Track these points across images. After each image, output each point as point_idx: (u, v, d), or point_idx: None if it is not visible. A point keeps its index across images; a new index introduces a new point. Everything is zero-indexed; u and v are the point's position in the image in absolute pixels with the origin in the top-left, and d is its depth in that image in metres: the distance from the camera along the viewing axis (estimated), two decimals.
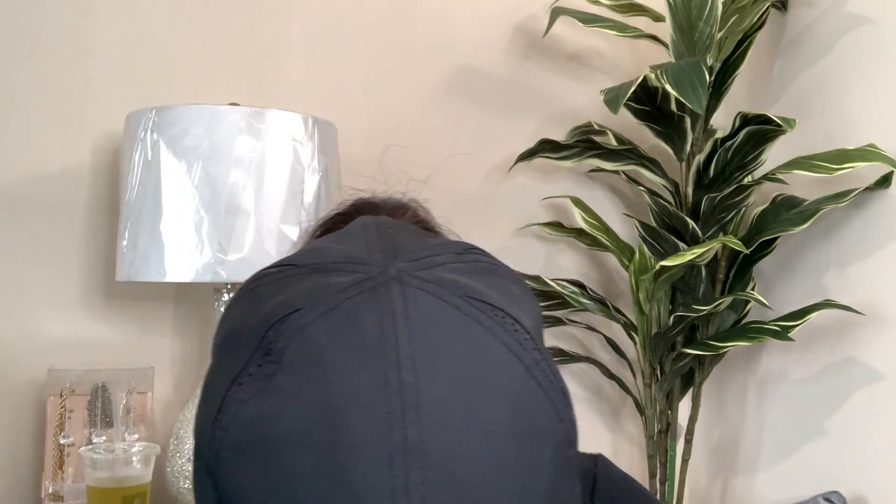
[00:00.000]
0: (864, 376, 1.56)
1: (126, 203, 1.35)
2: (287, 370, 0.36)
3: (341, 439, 0.34)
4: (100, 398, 1.46)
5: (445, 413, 0.35)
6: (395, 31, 1.80)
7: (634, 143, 1.75)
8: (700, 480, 1.95)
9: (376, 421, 0.34)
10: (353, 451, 0.33)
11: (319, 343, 0.36)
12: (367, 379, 0.35)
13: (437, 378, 0.35)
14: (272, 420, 0.35)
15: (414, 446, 0.33)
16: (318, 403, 0.34)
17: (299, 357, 0.36)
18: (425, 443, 0.33)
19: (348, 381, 0.35)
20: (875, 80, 1.56)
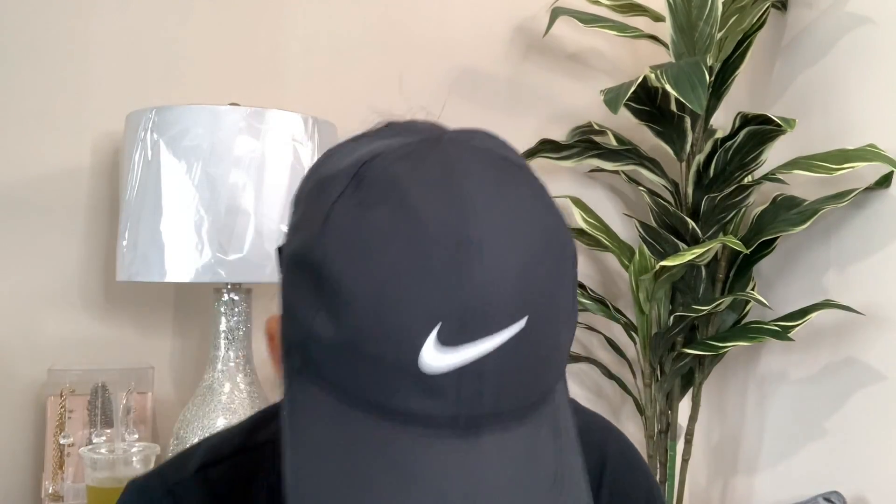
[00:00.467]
0: (864, 376, 1.56)
1: (126, 203, 1.35)
2: (378, 190, 0.47)
3: (420, 234, 0.45)
4: (100, 398, 1.46)
5: (497, 222, 0.46)
6: (395, 31, 1.80)
7: (634, 143, 1.75)
8: (700, 480, 1.95)
9: (446, 223, 0.45)
10: (429, 242, 0.44)
11: (401, 174, 0.47)
12: (439, 198, 0.46)
13: (491, 199, 0.46)
14: (367, 223, 0.46)
15: (476, 241, 0.44)
16: (401, 210, 0.45)
17: (386, 182, 0.47)
18: (483, 241, 0.45)
19: (425, 197, 0.46)
20: (875, 80, 1.56)
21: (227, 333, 1.41)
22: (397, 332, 0.44)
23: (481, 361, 0.44)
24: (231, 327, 1.41)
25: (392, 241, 0.45)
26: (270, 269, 1.32)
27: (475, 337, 0.44)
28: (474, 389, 0.44)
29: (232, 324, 1.41)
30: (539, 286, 0.47)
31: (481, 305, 0.44)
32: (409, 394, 0.44)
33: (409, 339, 0.44)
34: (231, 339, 1.41)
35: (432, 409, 0.44)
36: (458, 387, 0.44)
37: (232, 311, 1.41)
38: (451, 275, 0.44)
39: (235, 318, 1.41)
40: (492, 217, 0.46)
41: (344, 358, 0.45)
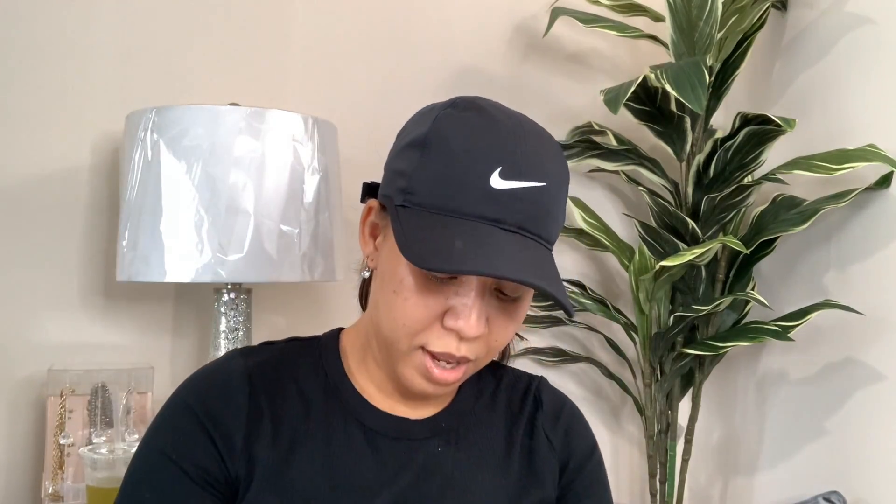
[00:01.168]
0: (864, 376, 1.56)
1: (126, 203, 1.35)
2: (467, 105, 0.82)
3: (494, 124, 0.79)
4: (100, 398, 1.46)
5: (537, 137, 0.80)
6: (395, 31, 1.80)
7: (634, 143, 1.75)
8: (700, 480, 1.95)
9: (510, 125, 0.79)
10: (499, 128, 0.78)
11: (483, 103, 0.83)
12: (508, 116, 0.81)
13: (535, 131, 0.81)
14: (462, 116, 0.80)
15: (523, 138, 0.79)
16: (485, 114, 0.80)
17: (473, 103, 0.82)
18: (527, 139, 0.79)
19: (498, 113, 0.81)
20: (875, 81, 1.56)
21: (227, 333, 1.41)
22: (478, 167, 0.75)
23: (520, 191, 0.75)
24: (231, 327, 1.41)
25: (478, 123, 0.78)
26: (270, 269, 1.32)
27: (518, 178, 0.75)
28: (514, 206, 0.75)
29: (232, 324, 1.41)
30: (552, 174, 0.78)
31: (522, 165, 0.76)
32: (481, 202, 0.74)
33: (486, 171, 0.75)
34: (231, 339, 1.41)
35: (492, 212, 0.75)
36: (507, 201, 0.75)
37: (232, 311, 1.41)
38: (509, 145, 0.76)
39: (235, 318, 1.41)
40: (535, 134, 0.80)
41: (445, 184, 0.75)
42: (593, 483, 0.92)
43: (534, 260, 0.75)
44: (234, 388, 0.82)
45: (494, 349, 0.81)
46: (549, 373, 1.89)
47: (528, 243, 0.75)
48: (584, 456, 0.92)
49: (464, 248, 0.72)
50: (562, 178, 0.80)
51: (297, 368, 0.86)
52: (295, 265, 1.35)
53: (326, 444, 0.82)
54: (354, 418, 0.84)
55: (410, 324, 0.77)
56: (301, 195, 1.36)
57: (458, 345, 0.77)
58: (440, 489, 0.83)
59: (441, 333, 0.77)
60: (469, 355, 0.78)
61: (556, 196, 0.78)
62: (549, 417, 0.92)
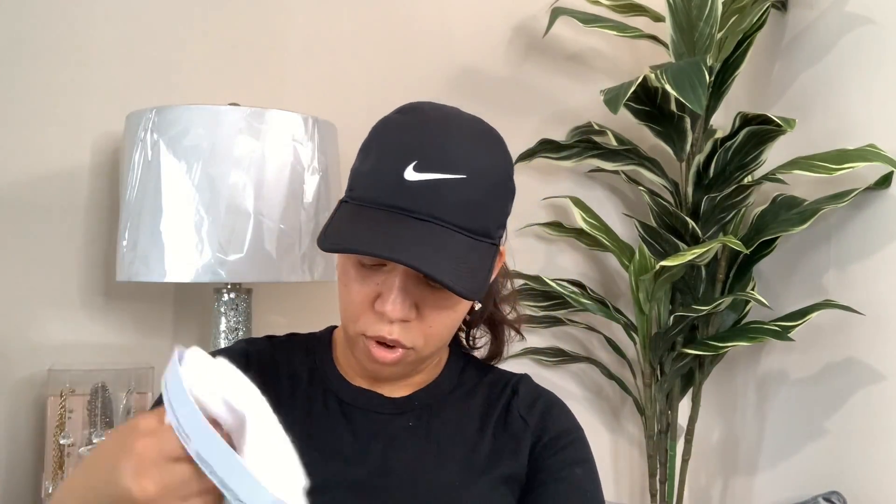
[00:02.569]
0: (864, 376, 1.56)
1: (126, 203, 1.35)
2: (408, 108, 0.89)
3: (421, 122, 0.85)
4: (100, 398, 1.46)
5: (465, 137, 0.85)
6: (395, 31, 1.80)
7: (634, 143, 1.75)
8: (700, 480, 1.95)
9: (436, 122, 0.86)
10: (425, 126, 0.85)
11: (422, 105, 0.90)
12: (437, 111, 0.88)
13: (466, 132, 0.86)
14: (397, 117, 0.88)
15: (448, 133, 0.85)
16: (415, 113, 0.87)
17: (413, 105, 0.90)
18: (450, 134, 0.85)
19: (432, 112, 0.88)
20: (875, 80, 1.56)
21: (227, 333, 1.41)
22: (396, 161, 0.81)
23: (436, 182, 0.81)
24: (231, 327, 1.41)
25: (407, 123, 0.85)
26: (270, 269, 1.32)
27: (432, 171, 0.81)
28: (427, 197, 0.80)
29: (232, 324, 1.41)
30: (477, 168, 0.83)
31: (439, 159, 0.81)
32: (395, 193, 0.81)
33: (402, 165, 0.81)
34: (231, 339, 1.41)
35: (403, 202, 0.81)
36: (419, 191, 0.80)
37: (232, 311, 1.41)
38: (429, 141, 0.82)
39: (235, 318, 1.41)
40: (466, 131, 0.86)
41: (370, 179, 0.83)
42: (569, 457, 0.93)
43: (433, 245, 0.79)
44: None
45: (432, 337, 0.86)
46: (549, 373, 1.89)
47: (437, 230, 0.80)
48: (558, 434, 0.94)
49: (355, 231, 0.81)
50: (492, 172, 0.84)
51: (292, 355, 0.97)
52: (295, 265, 1.35)
53: (307, 416, 0.91)
54: (333, 394, 0.93)
55: (350, 309, 0.87)
56: (301, 195, 1.36)
57: (390, 328, 0.84)
58: (411, 460, 0.89)
59: (374, 318, 0.85)
60: (402, 340, 0.85)
61: (481, 188, 0.83)
62: (524, 402, 0.96)
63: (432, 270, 0.78)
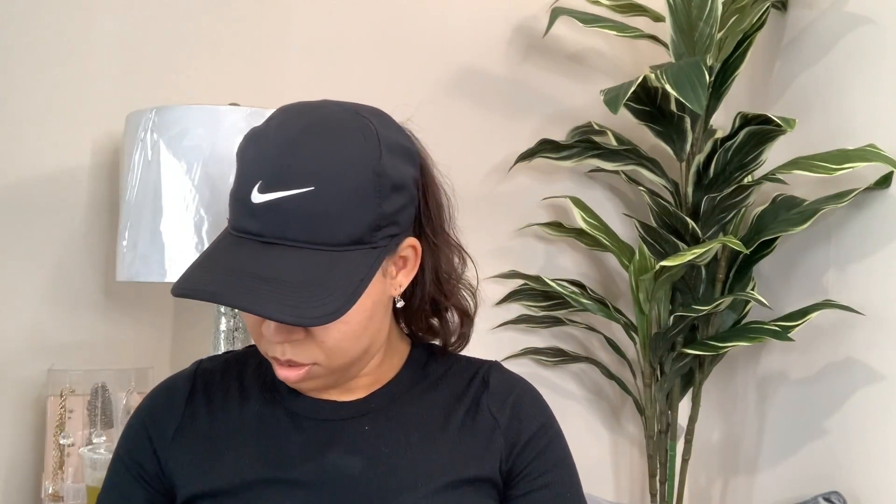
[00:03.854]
0: (864, 376, 1.56)
1: (126, 203, 1.35)
2: (263, 122, 0.85)
3: (265, 139, 0.82)
4: (100, 398, 1.46)
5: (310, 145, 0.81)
6: (395, 31, 1.80)
7: (634, 143, 1.75)
8: (700, 480, 1.95)
9: (279, 136, 0.81)
10: (268, 142, 0.81)
11: (277, 114, 0.85)
12: (285, 121, 0.83)
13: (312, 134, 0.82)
14: (252, 135, 0.84)
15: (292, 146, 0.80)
16: (264, 128, 0.83)
17: (269, 118, 0.85)
18: (298, 149, 0.80)
19: (279, 124, 0.83)
20: (875, 80, 1.56)
21: (228, 333, 1.41)
22: (244, 183, 0.79)
23: (279, 201, 0.77)
24: (231, 327, 1.41)
25: (256, 137, 0.82)
26: None
27: (277, 189, 0.77)
28: (273, 218, 0.77)
29: (232, 324, 1.41)
30: (325, 175, 0.78)
31: (282, 176, 0.78)
32: (244, 217, 0.79)
33: (249, 186, 0.79)
34: (231, 339, 1.41)
35: (253, 226, 0.79)
36: (265, 213, 0.78)
37: (232, 311, 1.41)
38: (273, 157, 0.79)
39: (235, 318, 1.41)
40: (311, 136, 0.80)
41: (230, 201, 0.82)
42: (548, 460, 0.92)
43: (278, 274, 0.76)
44: (176, 390, 0.94)
45: (335, 351, 0.83)
46: (549, 373, 1.89)
47: (288, 253, 0.77)
48: (534, 434, 0.91)
49: (203, 263, 0.80)
50: (346, 174, 0.78)
51: (245, 369, 0.95)
52: None
53: (257, 432, 0.89)
54: (284, 406, 0.91)
55: (251, 333, 0.86)
56: None
57: (281, 348, 0.83)
58: (366, 465, 0.86)
59: (266, 340, 0.84)
60: (297, 358, 0.83)
61: (336, 195, 0.77)
62: (495, 397, 0.92)
63: (259, 308, 0.74)
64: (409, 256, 0.87)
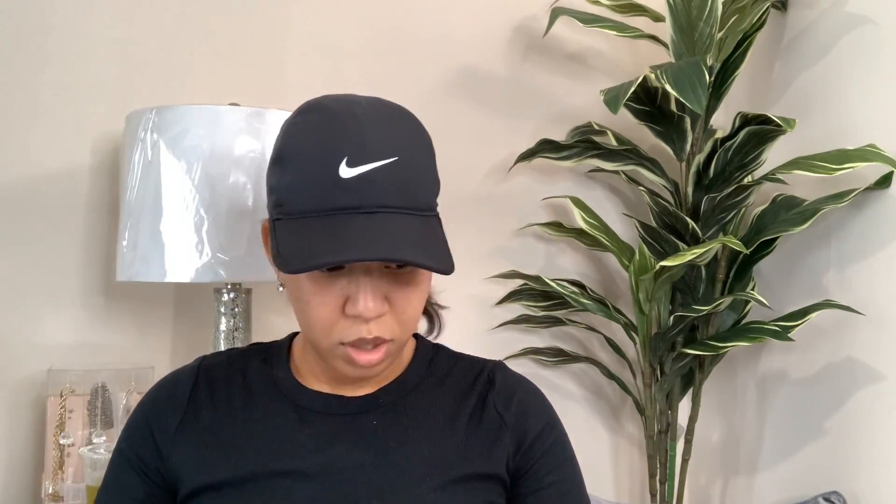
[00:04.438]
0: (864, 376, 1.56)
1: (126, 203, 1.35)
2: (310, 107, 0.86)
3: (332, 119, 0.83)
4: (100, 398, 1.46)
5: (377, 119, 0.83)
6: (395, 31, 1.80)
7: (634, 143, 1.75)
8: (700, 480, 1.95)
9: (348, 115, 0.83)
10: (338, 121, 0.83)
11: (323, 100, 0.86)
12: (345, 106, 0.85)
13: (375, 112, 0.84)
14: (305, 118, 0.85)
15: (362, 124, 0.82)
16: (322, 111, 0.85)
17: (316, 103, 0.86)
18: (365, 123, 0.82)
19: (338, 106, 0.85)
20: (875, 81, 1.56)
21: (227, 333, 1.41)
22: (325, 163, 0.80)
23: (371, 172, 0.79)
24: (231, 327, 1.41)
25: (318, 123, 0.83)
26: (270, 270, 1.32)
27: (365, 162, 0.79)
28: (369, 189, 0.79)
29: (232, 324, 1.41)
30: (402, 145, 0.82)
31: (365, 149, 0.80)
32: (335, 195, 0.79)
33: (333, 165, 0.79)
34: (231, 338, 1.41)
35: (347, 201, 0.79)
36: (360, 185, 0.79)
37: (232, 311, 1.41)
38: (349, 134, 0.81)
39: (235, 318, 1.41)
40: (375, 112, 0.83)
41: (299, 189, 0.81)
42: (554, 458, 0.93)
43: (397, 233, 0.79)
44: (179, 385, 0.94)
45: (407, 322, 0.85)
46: (549, 373, 1.89)
47: (395, 218, 0.80)
48: (539, 433, 0.93)
49: (314, 245, 0.78)
50: (416, 143, 0.84)
51: (248, 365, 0.96)
52: None
53: (263, 426, 0.90)
54: (290, 401, 0.91)
55: (320, 324, 0.84)
56: None
57: (368, 327, 0.82)
58: (374, 460, 0.87)
59: (348, 324, 0.83)
60: (382, 334, 0.83)
61: (415, 162, 0.82)
62: (501, 395, 0.94)
63: (415, 257, 0.77)
64: None
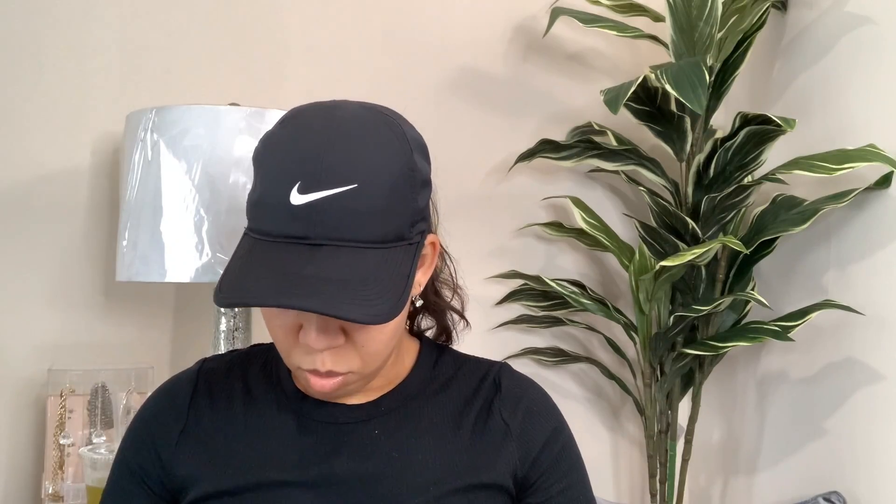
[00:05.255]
0: (864, 376, 1.56)
1: (126, 203, 1.35)
2: (288, 118, 0.83)
3: (299, 138, 0.79)
4: (100, 398, 1.46)
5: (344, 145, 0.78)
6: (395, 31, 1.80)
7: (634, 143, 1.75)
8: (700, 480, 1.95)
9: (313, 135, 0.79)
10: (301, 143, 0.78)
11: (301, 110, 0.84)
12: (317, 118, 0.82)
13: (347, 134, 0.79)
14: (277, 131, 0.81)
15: (327, 148, 0.78)
16: (292, 124, 0.82)
17: (294, 113, 0.84)
18: (331, 149, 0.78)
19: (309, 121, 0.81)
20: (875, 81, 1.56)
21: (228, 333, 1.41)
22: (279, 186, 0.76)
23: (323, 200, 0.75)
24: (231, 327, 1.41)
25: (285, 138, 0.79)
26: None
27: (317, 190, 0.75)
28: (318, 218, 0.75)
29: (232, 324, 1.41)
30: (367, 171, 0.76)
31: (322, 175, 0.75)
32: (284, 221, 0.76)
33: (286, 189, 0.75)
34: (231, 339, 1.41)
35: (295, 230, 0.75)
36: (309, 214, 0.75)
37: (232, 311, 1.41)
38: (310, 157, 0.76)
39: (235, 318, 1.41)
40: (350, 133, 0.78)
41: (257, 208, 0.79)
42: (562, 465, 0.92)
43: (334, 275, 0.74)
44: (179, 392, 0.93)
45: (371, 357, 0.82)
46: (549, 373, 1.89)
47: (338, 253, 0.75)
48: (547, 438, 0.91)
49: (246, 277, 0.75)
50: (385, 168, 0.77)
51: (249, 369, 0.94)
52: None
53: (265, 434, 0.88)
54: (291, 409, 0.89)
55: (279, 344, 0.82)
56: None
57: (321, 358, 0.80)
58: (376, 470, 0.86)
59: (303, 351, 0.80)
60: (336, 368, 0.80)
61: (377, 193, 0.76)
62: (507, 401, 0.91)
63: (334, 310, 0.71)
64: (428, 254, 0.87)
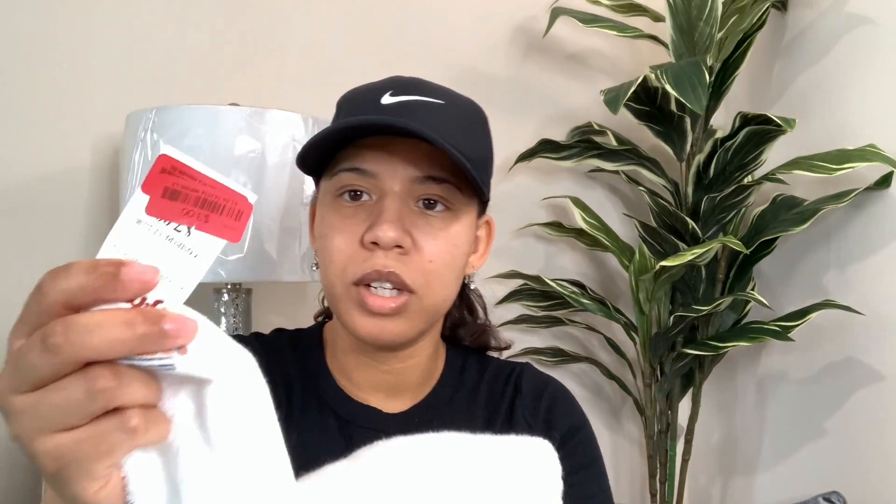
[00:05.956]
0: (864, 376, 1.56)
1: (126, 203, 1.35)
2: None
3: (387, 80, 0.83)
4: None
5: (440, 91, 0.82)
6: (395, 31, 1.80)
7: (634, 144, 1.75)
8: (700, 480, 1.95)
9: (411, 79, 0.83)
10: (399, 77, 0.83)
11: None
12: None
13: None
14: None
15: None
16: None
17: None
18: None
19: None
20: (875, 81, 1.56)
21: (227, 333, 1.41)
22: (371, 92, 0.80)
23: (412, 102, 0.78)
24: (231, 327, 1.42)
25: (367, 87, 0.82)
26: (270, 270, 1.32)
27: (408, 94, 0.78)
28: (409, 115, 0.76)
29: (232, 324, 1.41)
30: (458, 103, 0.81)
31: (415, 87, 0.79)
32: (369, 114, 0.77)
33: (378, 94, 0.79)
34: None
35: (379, 120, 0.75)
36: (400, 110, 0.77)
37: (232, 311, 1.41)
38: (409, 79, 0.81)
39: (235, 318, 1.41)
40: (457, 98, 0.82)
41: (341, 112, 0.83)
42: (574, 462, 0.90)
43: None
44: None
45: (432, 274, 0.79)
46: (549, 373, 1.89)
47: (422, 144, 0.77)
48: (563, 435, 0.90)
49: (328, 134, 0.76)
50: (472, 108, 0.83)
51: (281, 358, 0.89)
52: (295, 265, 1.35)
53: (301, 432, 0.83)
54: (330, 409, 0.86)
55: (338, 257, 0.79)
56: (301, 195, 1.36)
57: (384, 260, 0.77)
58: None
59: (364, 257, 0.77)
60: (398, 272, 0.77)
61: (460, 113, 0.80)
62: (528, 402, 0.91)
63: (442, 138, 0.74)
64: (482, 237, 0.89)
